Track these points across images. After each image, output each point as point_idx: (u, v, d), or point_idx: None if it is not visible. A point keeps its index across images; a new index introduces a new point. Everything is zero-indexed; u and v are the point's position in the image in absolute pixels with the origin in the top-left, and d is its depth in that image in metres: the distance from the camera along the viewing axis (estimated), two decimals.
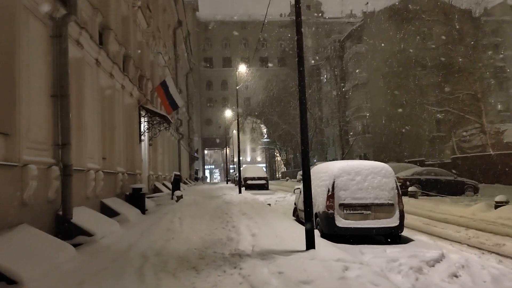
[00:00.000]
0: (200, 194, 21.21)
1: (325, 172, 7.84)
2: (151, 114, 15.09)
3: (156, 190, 16.97)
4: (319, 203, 7.48)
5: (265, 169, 48.99)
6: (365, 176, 7.27)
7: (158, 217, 10.63)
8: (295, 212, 10.26)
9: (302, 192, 9.83)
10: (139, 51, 15.59)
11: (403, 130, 36.97)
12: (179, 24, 29.53)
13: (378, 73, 39.40)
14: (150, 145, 16.52)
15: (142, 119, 15.05)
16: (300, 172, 41.49)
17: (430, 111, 37.20)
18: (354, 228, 7.09)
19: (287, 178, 44.04)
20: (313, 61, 59.09)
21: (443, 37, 26.92)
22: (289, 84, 54.75)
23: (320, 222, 7.35)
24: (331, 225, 7.17)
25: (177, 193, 15.01)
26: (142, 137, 14.94)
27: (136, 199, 11.30)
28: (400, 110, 36.61)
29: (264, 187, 26.01)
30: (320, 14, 73.27)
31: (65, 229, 6.74)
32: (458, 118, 34.29)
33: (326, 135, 53.68)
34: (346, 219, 7.14)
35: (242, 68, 19.87)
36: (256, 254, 5.97)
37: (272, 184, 31.63)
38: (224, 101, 66.24)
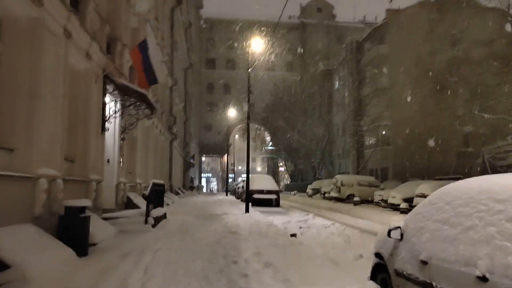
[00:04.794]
0: (192, 210, 16.09)
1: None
2: (123, 92, 10.02)
3: (129, 205, 11.84)
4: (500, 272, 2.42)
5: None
6: None
7: (104, 267, 5.52)
8: (377, 273, 5.09)
9: (403, 237, 4.71)
10: (111, 2, 10.63)
11: (433, 143, 32.10)
12: (178, 3, 24.66)
13: (403, 77, 34.50)
14: (122, 139, 11.42)
15: (109, 98, 9.99)
16: (311, 186, 36.23)
17: (460, 122, 32.50)
18: None
19: (295, 191, 38.82)
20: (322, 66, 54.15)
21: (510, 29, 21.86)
22: (298, 89, 49.89)
23: None
24: None
25: (156, 212, 9.89)
26: (108, 125, 9.87)
27: (72, 226, 6.20)
28: (430, 119, 31.78)
29: (274, 203, 20.82)
30: (332, 18, 68.82)
31: None
32: (491, 132, 29.78)
33: (336, 146, 48.39)
34: None
35: (257, 44, 14.59)
36: None
37: None
38: (225, 106, 61.14)
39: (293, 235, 9.74)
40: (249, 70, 14.56)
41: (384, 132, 39.21)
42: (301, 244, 8.15)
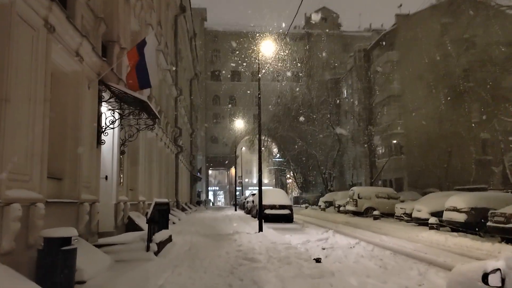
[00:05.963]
0: (201, 229, 14.74)
1: None
2: (122, 99, 8.82)
3: (131, 226, 10.57)
4: None
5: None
6: None
7: None
8: None
9: (505, 284, 3.32)
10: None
11: (449, 151, 30.68)
12: (182, 10, 23.65)
13: (416, 83, 33.16)
14: (122, 153, 10.18)
15: (105, 107, 8.79)
16: (324, 198, 34.54)
17: (478, 128, 31.13)
18: None
19: (306, 205, 37.27)
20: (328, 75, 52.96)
21: None
22: (305, 99, 48.63)
23: None
24: None
25: (160, 236, 8.60)
26: (105, 138, 8.65)
27: (53, 263, 4.93)
28: (446, 126, 30.38)
29: (288, 218, 19.40)
30: (337, 27, 67.95)
31: None
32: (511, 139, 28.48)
33: (347, 156, 46.79)
34: None
35: (267, 48, 13.30)
36: None
37: None
38: (231, 118, 59.97)
39: (318, 260, 8.39)
40: (259, 75, 13.30)
41: (397, 141, 37.77)
42: (333, 275, 6.78)
